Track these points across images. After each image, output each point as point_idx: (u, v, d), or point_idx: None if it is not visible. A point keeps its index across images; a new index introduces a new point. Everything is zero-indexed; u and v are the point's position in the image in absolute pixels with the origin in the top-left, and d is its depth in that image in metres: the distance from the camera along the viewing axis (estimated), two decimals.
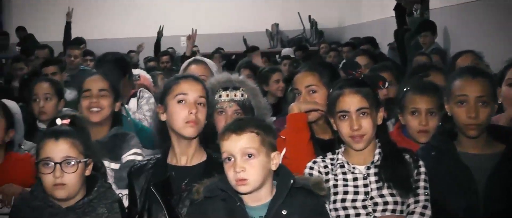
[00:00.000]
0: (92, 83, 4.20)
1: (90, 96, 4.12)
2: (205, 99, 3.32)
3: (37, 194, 3.21)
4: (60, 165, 3.08)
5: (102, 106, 4.10)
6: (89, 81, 4.23)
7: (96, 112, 4.09)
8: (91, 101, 4.10)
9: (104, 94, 4.13)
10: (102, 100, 4.11)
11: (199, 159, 3.35)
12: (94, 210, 3.16)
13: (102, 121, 4.13)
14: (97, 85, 4.18)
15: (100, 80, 4.22)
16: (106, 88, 4.16)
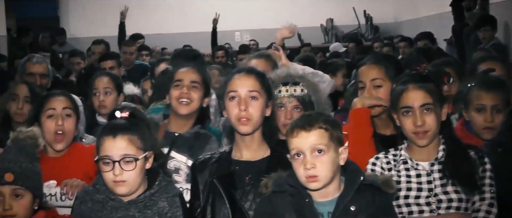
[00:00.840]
0: (184, 74, 4.10)
1: (181, 86, 4.05)
2: (258, 93, 3.26)
3: (99, 187, 3.22)
4: (119, 163, 3.07)
5: (192, 98, 4.02)
6: (181, 72, 4.12)
7: (186, 103, 4.02)
8: (182, 92, 4.02)
9: (195, 87, 4.06)
10: (193, 92, 4.04)
11: (262, 154, 3.32)
12: (156, 204, 3.16)
13: (190, 113, 4.08)
14: (189, 76, 4.08)
15: (192, 72, 4.12)
16: (197, 81, 4.07)
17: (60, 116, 3.87)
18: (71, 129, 3.90)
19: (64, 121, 3.86)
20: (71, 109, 3.94)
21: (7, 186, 2.96)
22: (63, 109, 3.89)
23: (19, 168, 2.99)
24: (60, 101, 3.93)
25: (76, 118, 3.97)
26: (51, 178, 3.59)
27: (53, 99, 3.93)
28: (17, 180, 2.96)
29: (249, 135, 3.27)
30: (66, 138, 3.88)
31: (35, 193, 3.04)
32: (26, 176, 2.99)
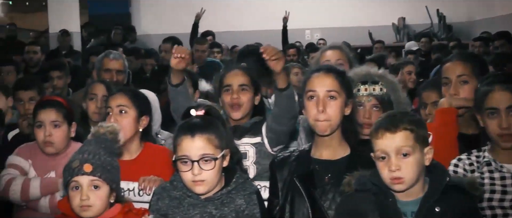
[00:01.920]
0: (232, 78, 4.12)
1: (230, 91, 4.06)
2: (337, 93, 3.22)
3: (176, 184, 3.21)
4: (198, 162, 3.05)
5: (242, 102, 4.03)
6: (230, 76, 4.14)
7: (237, 109, 4.03)
8: (232, 97, 4.04)
9: (245, 89, 4.07)
10: (243, 95, 4.04)
11: (342, 153, 3.29)
12: (233, 202, 3.14)
13: (243, 117, 4.08)
14: (237, 80, 4.10)
15: (240, 75, 4.14)
16: (246, 83, 4.08)
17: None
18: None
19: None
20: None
21: (86, 177, 2.98)
22: None
23: (98, 160, 3.01)
24: None
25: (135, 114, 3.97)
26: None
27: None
28: (96, 171, 2.98)
29: (327, 135, 3.23)
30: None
31: (112, 186, 3.05)
32: (105, 168, 3.01)
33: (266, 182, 3.58)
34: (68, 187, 3.01)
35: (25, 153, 4.10)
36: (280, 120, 3.79)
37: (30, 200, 3.93)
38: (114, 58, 5.97)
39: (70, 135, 4.08)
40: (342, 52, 4.69)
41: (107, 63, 5.94)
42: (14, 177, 3.95)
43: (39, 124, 4.01)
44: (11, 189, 3.91)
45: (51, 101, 4.09)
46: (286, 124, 3.80)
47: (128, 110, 3.92)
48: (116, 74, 5.89)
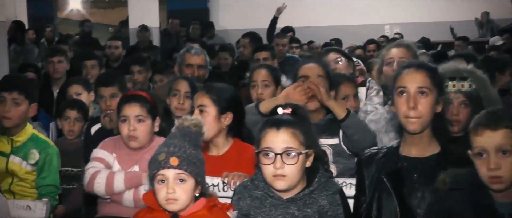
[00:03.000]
0: (309, 70, 4.16)
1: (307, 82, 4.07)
2: (428, 89, 3.13)
3: (258, 183, 3.19)
4: (281, 156, 3.02)
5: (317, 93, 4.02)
6: (306, 68, 4.19)
7: (312, 99, 4.03)
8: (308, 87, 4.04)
9: (321, 81, 4.07)
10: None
11: (432, 151, 3.20)
12: (316, 202, 3.09)
13: (318, 108, 4.05)
14: (314, 71, 4.12)
15: (317, 67, 4.16)
16: (322, 75, 4.08)
17: None
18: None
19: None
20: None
21: (172, 170, 2.97)
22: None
23: (184, 153, 2.99)
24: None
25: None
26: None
27: None
28: (182, 165, 2.96)
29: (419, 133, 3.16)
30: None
31: (198, 180, 3.03)
32: (190, 161, 2.99)
33: (349, 179, 3.56)
34: (154, 180, 3.01)
35: (109, 146, 4.14)
36: (354, 145, 3.75)
37: (114, 193, 3.97)
38: (195, 54, 6.01)
39: (154, 129, 4.10)
40: (408, 50, 4.60)
41: (188, 58, 5.98)
42: (99, 171, 3.99)
43: (123, 118, 4.03)
44: (96, 182, 3.95)
45: (136, 96, 4.11)
46: (362, 148, 3.74)
47: (208, 109, 3.90)
48: (197, 69, 5.93)
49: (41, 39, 14.44)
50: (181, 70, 6.05)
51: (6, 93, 4.31)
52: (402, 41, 4.89)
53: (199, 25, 13.28)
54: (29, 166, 4.33)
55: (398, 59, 4.45)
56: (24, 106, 4.35)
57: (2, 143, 4.38)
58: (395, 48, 4.66)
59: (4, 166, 4.32)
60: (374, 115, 4.54)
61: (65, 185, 4.72)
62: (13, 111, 4.30)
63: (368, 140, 3.89)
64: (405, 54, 4.55)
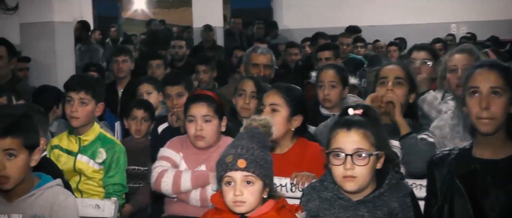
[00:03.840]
0: (389, 72, 4.11)
1: (385, 84, 4.04)
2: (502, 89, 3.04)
3: (327, 184, 3.14)
4: (351, 157, 2.97)
5: (396, 96, 3.99)
6: (386, 70, 4.15)
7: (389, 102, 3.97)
8: (386, 89, 4.01)
9: (400, 83, 4.03)
10: (397, 89, 4.00)
11: (507, 152, 3.10)
12: (386, 205, 3.03)
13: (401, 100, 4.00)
14: (393, 73, 4.09)
15: (397, 69, 4.12)
16: (402, 77, 4.06)
17: None
18: None
19: None
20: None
21: (239, 172, 2.93)
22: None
23: (251, 155, 2.95)
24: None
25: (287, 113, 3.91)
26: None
27: None
28: (249, 167, 2.93)
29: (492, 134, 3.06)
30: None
31: (266, 182, 2.99)
32: (258, 163, 2.95)
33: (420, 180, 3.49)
34: (221, 182, 2.98)
35: (176, 146, 4.14)
36: (403, 164, 3.73)
37: (181, 192, 3.97)
38: (261, 53, 6.01)
39: (220, 129, 4.08)
40: (471, 56, 4.50)
41: (254, 58, 5.98)
42: (166, 170, 4.00)
43: (190, 118, 4.03)
44: (163, 181, 3.96)
45: (203, 95, 4.10)
46: (408, 171, 3.69)
47: (280, 109, 3.88)
48: (263, 69, 5.92)
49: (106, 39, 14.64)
50: (247, 69, 6.05)
51: (73, 93, 4.34)
52: (464, 46, 4.74)
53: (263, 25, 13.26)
54: (97, 165, 4.36)
55: (462, 67, 4.35)
56: (91, 106, 4.37)
57: (70, 142, 4.42)
58: (458, 55, 4.56)
59: (72, 165, 4.36)
60: (439, 121, 4.44)
61: (132, 183, 4.75)
62: (80, 111, 4.32)
63: (416, 165, 3.78)
64: (469, 61, 4.43)
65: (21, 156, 2.97)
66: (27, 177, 3.04)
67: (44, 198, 3.06)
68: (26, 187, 3.05)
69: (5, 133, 2.93)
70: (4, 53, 5.97)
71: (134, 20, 20.51)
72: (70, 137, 4.43)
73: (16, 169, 2.96)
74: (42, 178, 3.13)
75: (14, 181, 2.97)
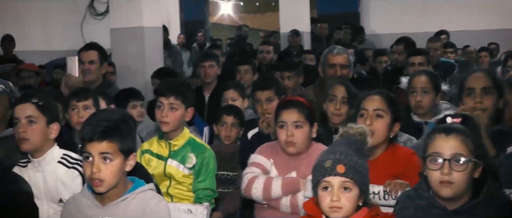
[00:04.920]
0: (475, 81, 4.03)
1: (473, 95, 3.97)
2: None
3: (422, 193, 3.09)
4: (449, 162, 2.91)
5: (486, 106, 3.92)
6: (472, 78, 4.07)
7: (482, 111, 3.89)
8: (475, 101, 3.93)
9: (488, 92, 3.94)
10: (485, 99, 3.92)
11: None
12: (483, 215, 2.95)
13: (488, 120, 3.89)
14: (480, 83, 4.01)
15: (484, 78, 4.03)
16: (489, 86, 3.95)
17: None
18: None
19: None
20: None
21: (338, 177, 2.91)
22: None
23: (350, 161, 2.93)
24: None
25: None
26: None
27: None
28: (348, 173, 2.91)
29: None
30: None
31: (362, 189, 2.96)
32: (356, 170, 2.93)
33: None
34: (318, 187, 2.96)
35: (267, 152, 4.13)
36: None
37: (271, 198, 3.95)
38: (337, 53, 5.98)
39: (311, 135, 4.04)
40: None
41: (330, 58, 5.97)
42: (257, 176, 3.99)
43: (281, 124, 4.01)
44: (254, 187, 3.96)
45: (294, 101, 4.08)
46: None
47: (384, 114, 3.86)
48: (340, 69, 5.89)
49: (193, 43, 14.79)
50: (324, 71, 6.01)
51: (163, 98, 4.36)
52: None
53: (349, 29, 13.16)
54: (186, 170, 4.37)
55: None
56: (181, 111, 4.38)
57: (161, 147, 4.45)
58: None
59: (162, 170, 4.38)
60: None
61: (221, 189, 4.76)
62: (170, 116, 4.34)
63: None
64: None
65: (117, 161, 3.00)
66: (121, 181, 3.07)
67: (136, 202, 3.08)
68: (120, 191, 3.08)
69: (102, 137, 2.96)
70: (95, 58, 6.06)
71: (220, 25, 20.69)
72: (160, 141, 4.46)
73: (110, 173, 2.99)
74: (135, 182, 3.15)
75: (108, 185, 3.01)
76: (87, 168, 2.99)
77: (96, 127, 2.97)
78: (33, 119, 3.72)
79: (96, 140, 2.96)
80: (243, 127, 5.17)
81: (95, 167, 2.96)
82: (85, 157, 3.00)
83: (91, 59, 6.01)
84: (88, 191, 3.12)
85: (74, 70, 5.65)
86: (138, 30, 8.11)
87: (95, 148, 2.97)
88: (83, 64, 5.91)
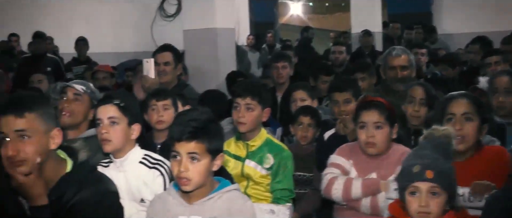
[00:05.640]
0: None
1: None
2: None
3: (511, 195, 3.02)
4: None
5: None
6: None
7: None
8: None
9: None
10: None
11: None
12: None
13: None
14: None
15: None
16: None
17: None
18: None
19: None
20: None
21: (426, 183, 2.89)
22: None
23: (437, 167, 2.91)
24: None
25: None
26: None
27: None
28: (436, 178, 2.89)
29: None
30: None
31: (450, 193, 2.93)
32: (445, 175, 2.92)
33: None
34: (404, 191, 2.93)
35: (346, 153, 4.12)
36: None
37: (351, 199, 3.95)
38: (396, 55, 5.89)
39: (392, 136, 4.01)
40: None
41: (390, 60, 5.88)
42: (336, 176, 3.98)
43: (361, 124, 3.99)
44: (334, 188, 3.95)
45: (374, 102, 4.05)
46: None
47: (473, 118, 3.81)
48: (400, 71, 5.79)
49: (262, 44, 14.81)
50: (385, 73, 5.95)
51: (239, 99, 4.37)
52: None
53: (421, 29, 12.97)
54: (264, 170, 4.36)
55: None
56: (257, 111, 4.38)
57: (238, 148, 4.46)
58: None
59: (240, 170, 4.39)
60: None
61: (297, 189, 4.74)
62: (247, 116, 4.34)
63: None
64: None
65: (204, 161, 3.01)
66: (208, 181, 3.08)
67: (222, 202, 3.09)
68: (206, 190, 3.10)
69: (191, 137, 2.98)
70: (170, 59, 6.10)
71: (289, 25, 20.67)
72: (237, 142, 4.47)
73: (198, 173, 3.01)
74: (221, 182, 3.16)
75: (195, 184, 3.02)
76: (175, 167, 3.02)
77: (185, 127, 2.98)
78: (115, 119, 3.77)
79: (185, 140, 2.98)
80: (319, 128, 5.14)
81: (183, 166, 2.98)
82: (173, 155, 3.02)
83: (166, 61, 6.06)
84: (174, 189, 3.15)
85: (151, 72, 5.70)
86: (211, 31, 8.15)
87: (184, 148, 2.99)
88: (158, 66, 5.96)
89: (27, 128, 2.90)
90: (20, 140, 2.89)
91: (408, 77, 5.82)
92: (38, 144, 2.93)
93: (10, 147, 2.87)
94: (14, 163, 2.88)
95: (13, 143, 2.88)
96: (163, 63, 6.04)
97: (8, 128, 2.89)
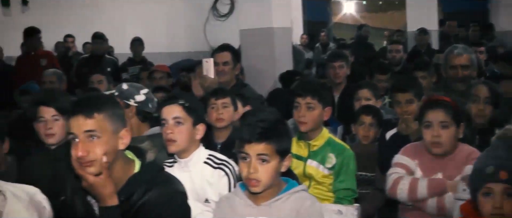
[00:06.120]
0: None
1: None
2: None
3: None
4: None
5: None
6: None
7: None
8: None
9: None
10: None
11: None
12: None
13: None
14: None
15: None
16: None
17: None
18: None
19: None
20: None
21: (501, 184, 2.84)
22: None
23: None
24: None
25: None
26: None
27: None
28: (511, 179, 2.82)
29: None
30: None
31: None
32: None
33: None
34: (477, 192, 2.87)
35: (411, 152, 4.07)
36: None
37: (417, 199, 3.90)
38: (458, 54, 5.79)
39: (458, 135, 3.96)
40: None
41: (451, 59, 5.78)
42: (401, 176, 3.94)
43: (427, 124, 3.95)
44: (399, 188, 3.92)
45: (440, 101, 4.01)
46: None
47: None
48: (461, 70, 5.70)
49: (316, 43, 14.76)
50: (446, 72, 5.88)
51: (300, 98, 4.35)
52: None
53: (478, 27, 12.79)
54: (326, 170, 4.34)
55: None
56: (318, 110, 4.36)
57: (300, 147, 4.43)
58: None
59: (302, 170, 4.37)
60: None
61: (359, 189, 4.70)
62: (308, 115, 4.32)
63: None
64: None
65: (273, 162, 2.99)
66: (275, 182, 3.07)
67: (290, 203, 3.06)
68: (274, 191, 3.08)
69: (260, 138, 2.96)
70: (229, 59, 6.11)
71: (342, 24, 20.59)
72: (299, 142, 4.45)
73: (266, 174, 2.99)
74: (289, 182, 3.14)
75: (264, 185, 3.01)
76: (244, 168, 3.00)
77: (254, 128, 2.97)
78: (180, 120, 3.78)
79: (254, 141, 2.97)
80: (381, 127, 5.10)
81: (252, 168, 2.97)
82: (242, 157, 3.01)
83: (225, 61, 6.06)
84: (241, 190, 3.14)
85: (210, 72, 5.71)
86: (268, 31, 8.13)
87: (253, 149, 2.97)
88: (217, 65, 5.97)
89: (96, 129, 2.90)
90: (89, 140, 2.91)
91: (469, 76, 5.75)
92: (107, 144, 2.94)
93: (80, 147, 2.89)
94: (84, 163, 2.90)
95: (82, 144, 2.90)
96: (222, 63, 6.04)
97: (78, 128, 2.90)
